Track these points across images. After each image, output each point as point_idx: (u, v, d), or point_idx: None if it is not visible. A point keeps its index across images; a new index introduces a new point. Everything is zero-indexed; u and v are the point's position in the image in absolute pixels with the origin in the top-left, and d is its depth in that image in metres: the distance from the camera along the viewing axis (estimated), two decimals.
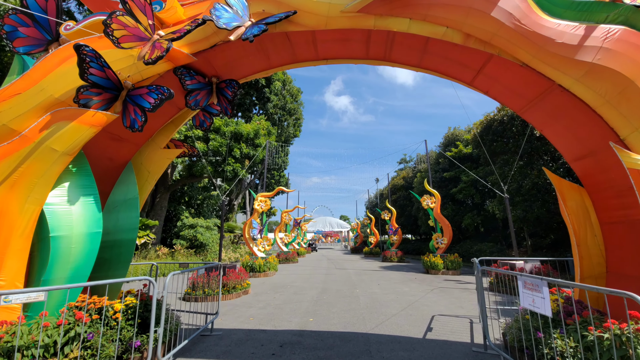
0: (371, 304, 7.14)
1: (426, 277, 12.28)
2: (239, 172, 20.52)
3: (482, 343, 4.17)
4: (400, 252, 21.06)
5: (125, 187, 4.05)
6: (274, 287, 9.87)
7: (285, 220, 22.88)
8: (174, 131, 4.35)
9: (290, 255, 20.70)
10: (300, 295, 8.43)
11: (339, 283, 10.64)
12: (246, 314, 6.27)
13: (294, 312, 6.38)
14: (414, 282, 10.84)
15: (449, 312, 6.24)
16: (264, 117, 24.30)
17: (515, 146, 13.93)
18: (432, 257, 13.76)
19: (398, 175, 35.93)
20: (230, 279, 8.35)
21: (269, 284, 10.76)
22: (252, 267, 13.01)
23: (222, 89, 4.12)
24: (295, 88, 33.29)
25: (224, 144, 19.84)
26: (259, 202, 14.21)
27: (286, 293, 8.79)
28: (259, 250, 14.01)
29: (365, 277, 12.16)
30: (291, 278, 12.27)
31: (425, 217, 24.79)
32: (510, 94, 3.81)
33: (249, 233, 13.94)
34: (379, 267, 16.54)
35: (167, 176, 21.84)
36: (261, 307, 6.91)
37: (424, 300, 7.47)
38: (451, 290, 8.98)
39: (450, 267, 13.34)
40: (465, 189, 20.39)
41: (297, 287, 9.78)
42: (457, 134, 23.73)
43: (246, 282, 9.05)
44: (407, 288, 9.42)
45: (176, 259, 17.29)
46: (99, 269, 3.88)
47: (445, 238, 14.15)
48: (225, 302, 7.62)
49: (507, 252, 18.50)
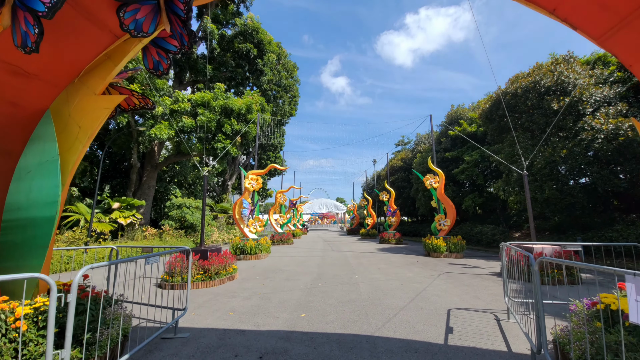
0: (373, 293, 6.23)
1: (428, 260, 11.47)
2: (230, 149, 19.25)
3: (523, 353, 3.25)
4: (399, 233, 20.33)
5: (41, 145, 2.89)
6: (265, 272, 8.96)
7: (280, 201, 21.90)
8: (112, 70, 3.13)
9: (285, 237, 19.88)
10: (292, 281, 7.51)
11: (335, 267, 9.76)
12: (226, 307, 5.30)
13: (283, 304, 5.43)
14: (416, 266, 10.01)
15: (466, 305, 5.34)
16: (257, 92, 22.74)
17: (529, 121, 12.81)
18: (434, 239, 12.94)
19: (396, 157, 34.84)
20: (212, 264, 7.37)
21: (259, 267, 9.86)
22: (243, 249, 12.10)
23: (170, 1, 2.87)
24: (290, 63, 31.38)
25: (213, 120, 18.44)
26: (249, 180, 13.10)
27: (277, 279, 7.87)
28: (250, 232, 13.06)
29: (364, 261, 11.32)
30: (284, 261, 11.39)
31: (425, 198, 23.96)
32: (595, 8, 2.62)
33: (239, 213, 12.92)
34: (377, 250, 15.77)
35: (155, 153, 20.52)
36: (246, 297, 5.95)
37: (432, 289, 6.57)
38: (459, 276, 8.12)
39: (453, 250, 12.54)
40: (467, 169, 19.41)
41: (289, 272, 8.87)
42: (461, 112, 22.46)
43: (232, 267, 8.09)
44: (411, 273, 8.55)
45: (164, 240, 16.34)
46: (5, 256, 2.80)
47: (449, 220, 13.28)
48: (205, 291, 6.66)
49: (510, 234, 17.82)
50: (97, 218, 15.21)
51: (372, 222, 27.32)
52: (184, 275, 7.05)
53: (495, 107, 14.11)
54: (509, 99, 13.42)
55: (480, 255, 13.64)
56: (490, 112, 14.39)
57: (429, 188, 14.08)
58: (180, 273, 7.12)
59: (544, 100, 12.50)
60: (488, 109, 14.51)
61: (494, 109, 14.16)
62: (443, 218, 13.50)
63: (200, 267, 7.33)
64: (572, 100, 12.08)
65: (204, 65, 20.87)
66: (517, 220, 20.20)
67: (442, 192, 13.71)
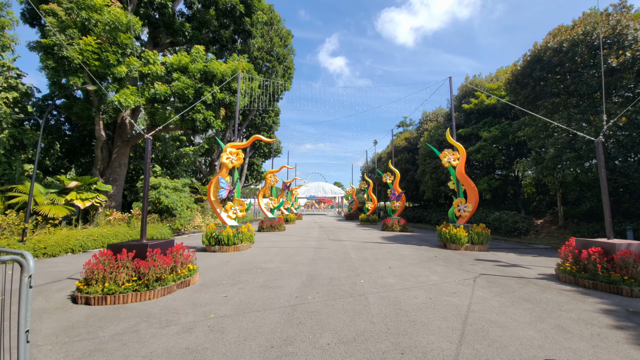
0: (392, 317, 3.94)
1: (448, 254, 9.24)
2: (212, 122, 16.60)
3: None
4: (404, 220, 18.12)
5: None
6: (238, 272, 6.65)
7: (271, 182, 19.47)
8: None
9: (276, 223, 17.62)
10: (270, 290, 5.21)
11: (333, 264, 7.48)
12: (140, 353, 2.98)
13: (242, 348, 3.12)
14: (436, 262, 7.74)
15: (558, 349, 3.06)
16: (245, 57, 19.79)
17: (577, 83, 10.27)
18: (452, 227, 10.68)
19: (399, 137, 32.27)
20: (152, 265, 5.01)
21: (234, 264, 7.55)
22: (218, 238, 9.77)
23: None
24: (285, 30, 28.14)
25: (191, 86, 15.69)
26: (227, 154, 10.60)
27: (250, 285, 5.56)
28: (229, 217, 10.69)
29: (368, 254, 9.06)
30: (269, 254, 9.11)
31: (432, 181, 21.62)
32: None
33: (215, 194, 10.50)
34: (381, 239, 13.55)
35: (126, 127, 17.84)
36: (185, 328, 3.63)
37: (480, 307, 4.29)
38: (505, 282, 5.86)
39: (476, 241, 10.32)
40: (484, 147, 16.98)
41: (271, 272, 6.57)
42: (477, 83, 19.76)
43: (187, 267, 5.75)
44: (436, 276, 6.28)
45: (132, 226, 13.98)
46: None
47: (470, 204, 10.98)
48: (130, 310, 4.32)
49: (533, 221, 15.65)
50: (49, 199, 12.76)
51: (372, 206, 25.10)
52: (106, 284, 4.71)
53: (530, 69, 11.51)
54: (549, 55, 10.82)
55: (505, 247, 11.44)
56: (523, 75, 11.79)
57: (446, 166, 11.68)
58: (103, 280, 4.78)
59: (597, 56, 9.94)
60: (520, 72, 11.89)
61: (529, 70, 11.56)
62: (463, 202, 11.19)
63: (133, 271, 4.97)
64: (634, 55, 9.54)
65: (182, 25, 17.84)
66: (537, 206, 18.02)
67: (463, 171, 11.33)
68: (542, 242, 12.86)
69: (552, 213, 16.84)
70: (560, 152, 10.87)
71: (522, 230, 14.49)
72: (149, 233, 13.60)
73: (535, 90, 11.50)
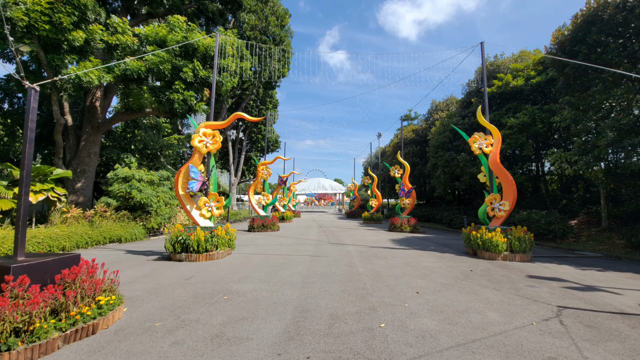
0: None
1: (487, 267, 6.98)
2: (193, 104, 14.30)
3: None
4: (414, 219, 15.88)
5: None
6: (192, 300, 4.39)
7: (263, 176, 17.19)
8: None
9: (269, 222, 15.38)
10: (227, 349, 2.96)
11: (334, 286, 5.22)
12: None
13: None
14: (480, 283, 5.48)
15: None
16: (235, 31, 17.39)
17: None
18: (485, 231, 8.42)
19: (405, 129, 29.92)
20: (11, 308, 2.73)
21: (194, 284, 5.29)
22: (185, 244, 7.52)
23: None
24: (281, 8, 25.69)
25: (167, 61, 13.37)
26: (200, 135, 8.31)
27: (198, 333, 3.31)
28: (202, 216, 8.42)
29: (381, 267, 6.80)
30: (250, 265, 6.86)
31: (445, 175, 19.30)
32: None
33: (185, 187, 8.22)
34: (392, 242, 11.30)
35: (95, 110, 15.52)
36: None
37: None
38: (616, 328, 3.60)
39: (516, 249, 8.07)
40: (510, 136, 14.67)
41: (241, 302, 4.32)
42: (499, 64, 17.38)
43: (98, 301, 3.49)
44: (495, 314, 4.02)
45: (96, 225, 11.73)
46: None
47: (507, 202, 8.71)
48: None
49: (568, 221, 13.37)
50: None
51: (377, 204, 22.83)
52: None
53: (583, 32, 9.16)
54: (611, 13, 8.48)
55: (547, 255, 9.20)
56: (573, 40, 9.44)
57: (477, 153, 9.39)
58: None
59: None
60: (570, 37, 9.54)
61: (581, 34, 9.21)
62: (498, 199, 8.91)
63: None
64: None
65: None
66: (568, 204, 15.73)
67: (498, 160, 9.05)
68: (586, 247, 10.62)
69: (587, 212, 14.56)
70: (622, 137, 8.57)
71: (557, 233, 12.23)
72: (115, 233, 11.36)
73: (590, 59, 9.16)
